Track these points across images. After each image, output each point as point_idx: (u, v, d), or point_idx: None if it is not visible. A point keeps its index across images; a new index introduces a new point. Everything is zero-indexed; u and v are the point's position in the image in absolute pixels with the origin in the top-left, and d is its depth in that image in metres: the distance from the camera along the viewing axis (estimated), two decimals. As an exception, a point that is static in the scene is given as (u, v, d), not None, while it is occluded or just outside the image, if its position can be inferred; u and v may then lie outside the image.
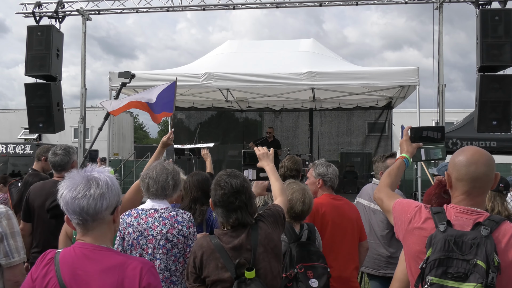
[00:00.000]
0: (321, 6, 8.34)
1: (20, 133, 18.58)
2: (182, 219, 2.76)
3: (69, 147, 3.98)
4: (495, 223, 1.75)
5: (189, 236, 2.75)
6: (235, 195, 2.18)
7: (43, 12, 8.57)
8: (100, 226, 1.72)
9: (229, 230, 2.20)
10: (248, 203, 2.22)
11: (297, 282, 2.60)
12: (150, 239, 2.68)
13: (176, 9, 8.61)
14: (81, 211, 1.66)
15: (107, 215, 1.72)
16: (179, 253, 2.72)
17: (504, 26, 6.90)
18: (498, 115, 6.86)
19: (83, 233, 1.72)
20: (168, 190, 2.82)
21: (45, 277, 1.65)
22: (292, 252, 2.71)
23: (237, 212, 2.18)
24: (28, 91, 8.06)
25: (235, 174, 2.27)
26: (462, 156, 1.87)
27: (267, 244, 2.20)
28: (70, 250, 1.70)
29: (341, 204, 3.49)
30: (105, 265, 1.64)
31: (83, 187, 1.66)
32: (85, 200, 1.65)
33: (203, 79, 7.59)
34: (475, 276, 1.64)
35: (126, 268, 1.65)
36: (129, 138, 25.32)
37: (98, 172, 1.73)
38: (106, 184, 1.70)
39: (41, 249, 3.54)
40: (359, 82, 7.70)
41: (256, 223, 2.25)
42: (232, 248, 2.15)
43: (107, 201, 1.69)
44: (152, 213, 2.76)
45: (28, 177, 4.55)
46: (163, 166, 2.86)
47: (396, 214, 2.07)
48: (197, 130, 10.90)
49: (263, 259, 2.16)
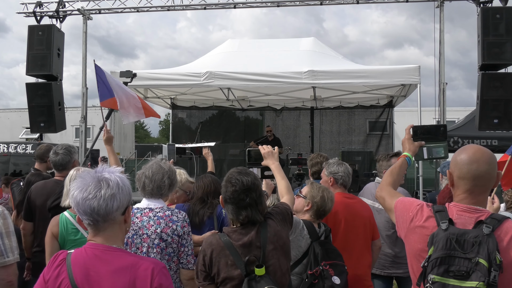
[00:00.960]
0: (321, 4, 8.31)
1: (21, 133, 18.60)
2: (177, 219, 2.77)
3: (70, 146, 4.00)
4: (497, 222, 1.75)
5: (183, 236, 2.76)
6: (245, 192, 2.20)
7: (44, 11, 8.56)
8: (112, 227, 1.72)
9: (238, 228, 2.22)
10: (258, 200, 2.24)
11: (323, 279, 2.63)
12: (145, 238, 2.69)
13: (177, 8, 8.60)
14: (92, 212, 1.66)
15: (118, 216, 1.73)
16: (173, 253, 2.73)
17: (505, 24, 6.86)
18: (500, 113, 6.83)
19: (95, 233, 1.72)
20: (163, 189, 2.83)
21: (58, 278, 1.66)
22: (316, 250, 2.74)
23: (247, 209, 2.20)
24: (29, 90, 8.06)
25: (246, 171, 2.29)
26: (464, 155, 1.88)
27: (276, 241, 2.21)
28: (81, 250, 1.71)
29: (354, 202, 3.53)
30: (117, 266, 1.65)
31: (93, 188, 1.66)
32: (96, 201, 1.65)
33: (204, 78, 7.57)
34: (477, 275, 1.64)
35: (138, 269, 1.65)
36: (130, 137, 25.35)
37: (108, 172, 1.73)
38: (116, 185, 1.70)
39: (42, 248, 3.48)
40: (360, 81, 7.66)
41: (265, 220, 2.26)
42: (242, 246, 2.16)
43: (117, 202, 1.69)
44: (147, 212, 2.76)
45: (31, 177, 4.58)
46: (159, 165, 2.86)
47: (398, 212, 2.08)
48: (198, 129, 10.92)
49: (272, 256, 2.18)
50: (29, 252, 3.92)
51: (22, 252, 3.91)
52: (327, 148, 11.65)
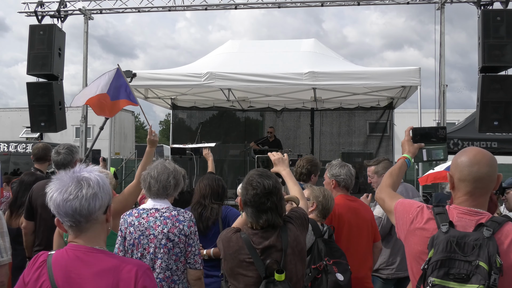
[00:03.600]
0: (322, 6, 8.33)
1: (21, 132, 18.58)
2: (183, 219, 2.77)
3: (72, 146, 3.99)
4: (497, 224, 1.74)
5: (190, 236, 2.76)
6: (267, 196, 2.15)
7: (45, 11, 8.59)
8: (94, 227, 1.67)
9: (259, 231, 2.18)
10: (278, 204, 2.20)
11: (327, 274, 2.64)
12: (152, 238, 2.69)
13: (178, 9, 8.63)
14: (73, 213, 1.60)
15: (100, 215, 1.68)
16: (180, 253, 2.73)
17: (506, 26, 6.89)
18: (500, 115, 6.85)
19: (76, 235, 1.66)
20: (169, 189, 2.83)
21: (38, 280, 1.61)
22: (319, 246, 2.75)
23: (267, 213, 2.16)
24: (30, 90, 8.09)
25: (267, 174, 2.24)
26: (465, 157, 1.87)
27: (295, 246, 2.19)
28: (62, 252, 1.66)
29: (356, 205, 3.52)
30: (99, 268, 1.60)
31: (74, 188, 1.61)
32: (78, 201, 1.59)
33: (204, 78, 7.57)
34: (477, 278, 1.64)
35: (121, 271, 1.60)
36: (131, 137, 25.32)
37: (87, 171, 1.68)
38: (97, 184, 1.65)
39: (43, 247, 3.56)
40: (360, 82, 7.67)
41: (285, 224, 2.23)
42: (263, 249, 2.14)
43: (100, 201, 1.64)
44: (153, 212, 2.76)
45: (24, 176, 4.57)
46: (164, 165, 2.86)
47: (398, 214, 2.06)
48: (198, 130, 10.90)
49: (290, 261, 2.15)
50: (30, 251, 3.93)
51: (23, 252, 3.93)
52: (327, 149, 11.64)
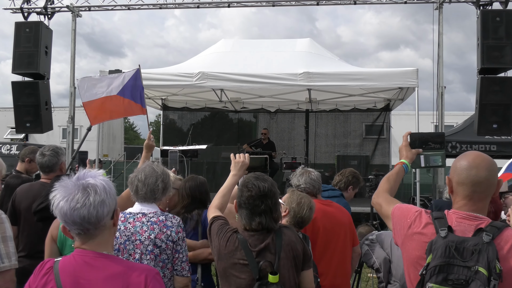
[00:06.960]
0: (318, 4, 8.19)
1: (6, 133, 18.23)
2: (171, 224, 2.71)
3: (58, 147, 3.90)
4: (497, 229, 1.74)
5: (178, 242, 2.70)
6: (261, 198, 2.21)
7: (32, 8, 8.37)
8: (102, 233, 1.69)
9: (256, 233, 2.22)
10: (273, 208, 2.24)
11: None
12: (138, 244, 2.63)
13: (169, 7, 8.45)
14: (82, 221, 1.60)
15: (108, 221, 1.69)
16: (167, 259, 2.68)
17: (505, 27, 6.85)
18: (499, 118, 6.81)
19: (84, 241, 1.67)
20: (157, 193, 2.76)
21: (45, 287, 1.61)
22: None
23: (261, 216, 2.21)
24: (15, 89, 7.89)
25: (263, 177, 2.29)
26: (464, 161, 1.88)
27: (289, 251, 2.23)
28: (70, 258, 1.66)
29: (332, 209, 3.47)
30: (109, 273, 1.62)
31: (81, 196, 1.60)
32: (86, 209, 1.60)
33: (196, 78, 7.45)
34: (476, 283, 1.63)
35: (131, 275, 1.62)
36: (120, 138, 25.03)
37: (92, 177, 1.68)
38: (104, 190, 1.65)
39: (26, 253, 3.48)
40: (356, 84, 7.61)
41: (280, 229, 2.28)
42: (258, 251, 2.18)
43: (107, 207, 1.65)
44: (140, 217, 2.70)
45: (10, 179, 4.44)
46: (152, 168, 2.79)
47: (395, 219, 2.05)
48: (189, 131, 10.76)
49: (283, 265, 2.19)
50: (13, 257, 3.77)
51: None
52: (322, 151, 11.59)
